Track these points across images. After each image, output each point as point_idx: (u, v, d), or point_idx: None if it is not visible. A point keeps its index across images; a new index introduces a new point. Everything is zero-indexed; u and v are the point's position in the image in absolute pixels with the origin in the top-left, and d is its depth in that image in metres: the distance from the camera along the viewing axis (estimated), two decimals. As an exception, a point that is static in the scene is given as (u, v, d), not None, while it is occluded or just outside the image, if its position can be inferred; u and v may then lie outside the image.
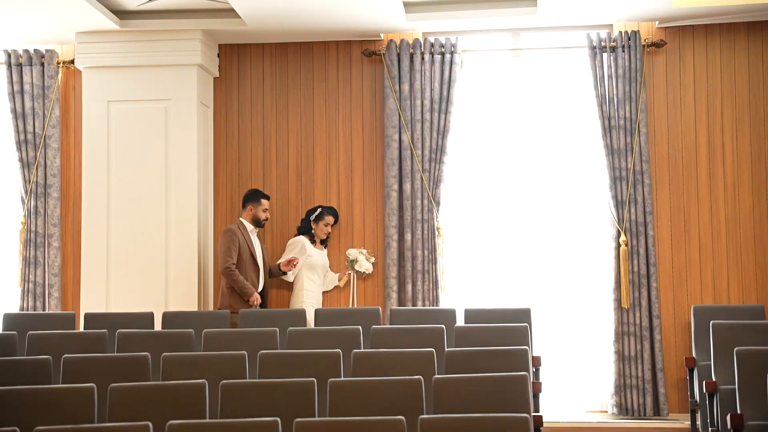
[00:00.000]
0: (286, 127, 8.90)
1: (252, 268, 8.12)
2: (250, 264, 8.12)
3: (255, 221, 8.27)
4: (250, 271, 8.10)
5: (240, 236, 8.11)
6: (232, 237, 8.07)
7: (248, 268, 8.10)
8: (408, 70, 8.60)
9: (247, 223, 8.26)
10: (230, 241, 8.05)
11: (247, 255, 8.11)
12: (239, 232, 8.13)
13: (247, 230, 8.22)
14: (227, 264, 8.00)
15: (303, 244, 8.37)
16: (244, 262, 8.09)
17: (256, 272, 8.16)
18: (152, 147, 8.53)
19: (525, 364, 6.07)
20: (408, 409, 5.04)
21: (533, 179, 8.71)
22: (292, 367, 5.94)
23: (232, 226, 8.20)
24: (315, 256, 8.36)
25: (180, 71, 8.54)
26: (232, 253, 8.02)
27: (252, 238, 8.21)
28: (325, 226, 8.42)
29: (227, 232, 8.13)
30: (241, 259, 8.08)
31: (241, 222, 8.26)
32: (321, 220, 8.41)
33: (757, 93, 8.46)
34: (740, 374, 5.79)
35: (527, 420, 4.58)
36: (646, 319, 8.22)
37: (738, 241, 8.38)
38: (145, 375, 6.02)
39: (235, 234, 8.10)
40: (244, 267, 8.08)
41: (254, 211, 8.27)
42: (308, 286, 8.31)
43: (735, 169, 8.44)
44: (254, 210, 8.27)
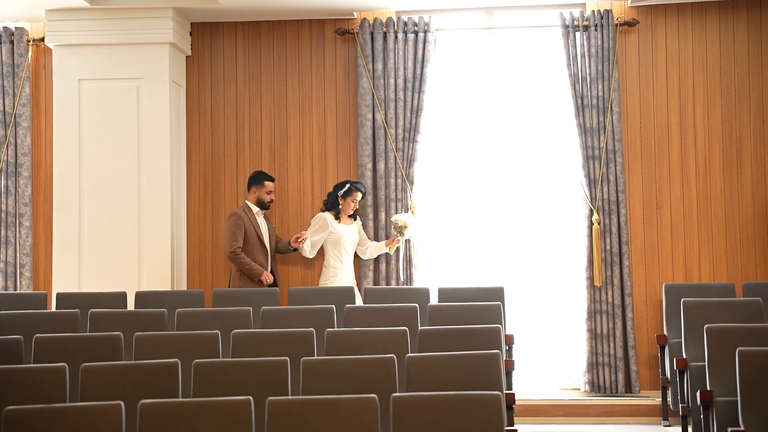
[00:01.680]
0: (259, 106, 8.86)
1: (260, 250, 8.11)
2: (258, 246, 8.11)
3: (260, 203, 8.24)
4: (257, 252, 8.09)
5: (246, 219, 8.09)
6: (236, 221, 8.06)
7: (255, 249, 8.09)
8: (381, 49, 8.57)
9: (252, 205, 8.23)
10: (235, 225, 8.04)
11: (254, 237, 8.09)
12: (244, 215, 8.11)
13: (253, 212, 8.19)
14: (233, 248, 8.00)
15: (325, 220, 8.23)
16: (252, 245, 8.08)
17: (264, 253, 8.14)
18: (124, 126, 8.47)
19: (498, 343, 6.10)
20: (381, 388, 5.05)
21: (506, 158, 8.73)
22: (266, 347, 5.94)
23: (237, 210, 8.20)
24: (340, 231, 8.21)
25: (152, 50, 8.48)
26: (238, 237, 8.02)
27: (258, 219, 8.18)
28: (353, 202, 8.27)
29: (232, 216, 8.12)
30: (248, 241, 8.07)
31: (246, 205, 8.24)
32: (349, 195, 8.26)
33: (728, 72, 8.51)
34: (710, 351, 5.84)
35: (499, 397, 4.61)
36: (618, 297, 8.28)
37: (709, 219, 8.44)
38: (117, 355, 6.00)
39: (240, 217, 8.08)
40: (252, 249, 8.07)
41: (258, 194, 8.23)
42: (333, 263, 8.20)
43: (706, 147, 8.49)
44: (258, 192, 8.23)
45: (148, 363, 5.38)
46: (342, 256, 8.22)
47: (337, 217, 8.28)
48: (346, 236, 8.25)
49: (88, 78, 8.51)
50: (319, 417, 4.47)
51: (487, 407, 4.56)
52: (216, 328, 6.34)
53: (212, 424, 4.46)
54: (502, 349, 6.19)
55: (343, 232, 8.25)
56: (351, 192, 8.26)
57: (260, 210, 8.25)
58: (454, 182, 8.76)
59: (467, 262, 8.65)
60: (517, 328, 8.11)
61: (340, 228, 8.25)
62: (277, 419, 4.46)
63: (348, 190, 8.26)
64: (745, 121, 8.47)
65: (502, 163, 8.74)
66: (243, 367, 5.30)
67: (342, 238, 8.21)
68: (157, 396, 4.87)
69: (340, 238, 8.21)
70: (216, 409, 4.51)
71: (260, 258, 8.11)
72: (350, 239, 8.29)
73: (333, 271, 8.19)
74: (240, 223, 8.07)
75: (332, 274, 8.19)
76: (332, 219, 8.26)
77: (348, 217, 8.33)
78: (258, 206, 8.25)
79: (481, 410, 4.55)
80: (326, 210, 8.33)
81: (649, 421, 7.54)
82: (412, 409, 4.54)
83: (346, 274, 8.23)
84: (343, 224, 8.28)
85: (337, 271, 8.19)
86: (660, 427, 7.30)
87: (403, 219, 8.22)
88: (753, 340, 5.69)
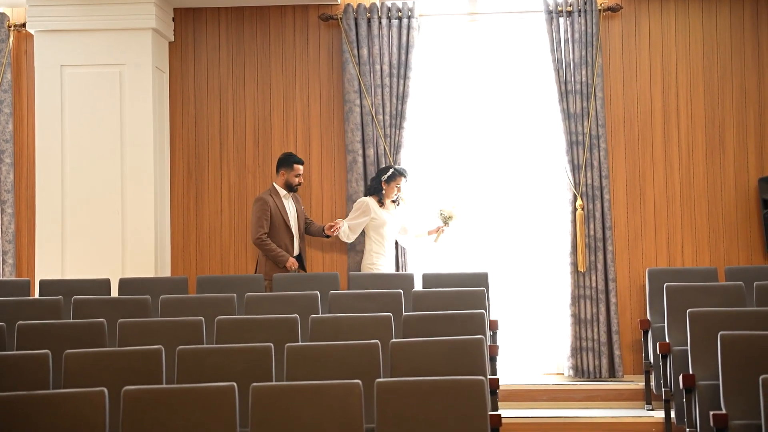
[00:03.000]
0: (242, 92, 8.84)
1: (285, 234, 8.05)
2: (284, 230, 8.05)
3: (288, 186, 8.15)
4: (283, 237, 8.04)
5: (271, 203, 8.03)
6: (262, 206, 8.00)
7: (281, 234, 8.04)
8: (366, 35, 8.55)
9: (280, 188, 8.15)
10: (260, 211, 7.99)
11: (280, 222, 8.04)
12: (270, 199, 8.05)
13: (280, 195, 8.11)
14: (258, 234, 7.96)
15: (367, 205, 8.11)
16: (277, 229, 8.02)
17: (290, 238, 8.07)
18: (107, 112, 8.42)
19: (482, 328, 6.12)
20: (365, 374, 5.06)
21: (491, 143, 8.73)
22: (250, 333, 5.95)
23: (263, 194, 8.12)
24: (382, 217, 8.08)
25: (134, 35, 8.42)
26: (263, 222, 7.96)
27: (285, 203, 8.11)
28: (396, 188, 8.11)
29: (257, 202, 8.07)
30: (274, 226, 8.01)
31: (273, 187, 8.17)
32: (393, 180, 8.10)
33: (710, 57, 8.54)
34: (692, 335, 5.87)
35: (483, 383, 4.63)
36: (602, 283, 8.30)
37: (692, 205, 8.48)
38: (101, 341, 5.99)
39: (265, 203, 8.02)
40: (278, 233, 8.02)
41: (287, 176, 8.14)
42: (376, 249, 8.08)
43: (689, 133, 8.52)
44: (287, 175, 8.14)
45: (132, 350, 5.38)
46: (384, 242, 8.08)
47: (381, 203, 8.15)
48: (389, 222, 8.11)
49: (71, 64, 8.45)
50: (303, 402, 4.48)
51: (471, 392, 4.58)
52: (200, 315, 6.32)
53: (196, 410, 4.46)
54: (486, 334, 6.21)
55: (386, 217, 8.10)
56: (394, 177, 8.10)
57: (288, 192, 8.19)
58: (440, 168, 8.76)
59: (452, 248, 8.65)
60: (502, 314, 8.13)
61: (382, 213, 8.10)
62: (261, 405, 4.47)
63: (392, 174, 8.11)
64: (727, 106, 8.51)
65: (487, 149, 8.74)
66: (227, 353, 5.31)
67: (384, 223, 8.07)
68: (140, 383, 4.86)
69: (383, 224, 8.07)
70: (200, 396, 4.51)
71: (286, 242, 8.04)
72: (393, 225, 8.14)
73: (375, 257, 8.06)
74: (265, 209, 8.00)
75: (374, 259, 8.06)
76: (375, 204, 8.12)
77: (391, 203, 8.19)
78: (286, 189, 8.14)
79: (464, 395, 4.57)
80: (369, 195, 8.21)
81: (632, 405, 7.58)
82: (396, 395, 4.56)
83: (387, 260, 8.10)
84: (385, 210, 8.14)
85: (379, 257, 8.06)
86: (643, 411, 7.34)
87: (449, 209, 8.13)
88: (735, 325, 5.72)
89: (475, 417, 4.53)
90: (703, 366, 5.73)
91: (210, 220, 8.78)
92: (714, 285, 7.10)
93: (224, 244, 8.75)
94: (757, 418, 4.58)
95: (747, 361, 5.14)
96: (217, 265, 8.73)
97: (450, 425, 4.50)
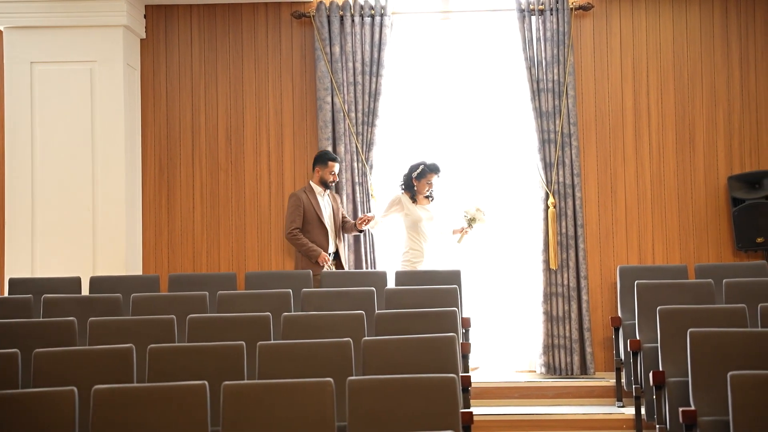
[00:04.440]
0: (214, 90, 8.80)
1: (319, 231, 8.04)
2: (317, 226, 8.03)
3: (322, 183, 8.13)
4: (317, 233, 8.02)
5: (305, 200, 8.03)
6: (295, 202, 8.02)
7: (315, 230, 8.02)
8: (338, 32, 8.55)
9: (315, 185, 8.13)
10: (293, 207, 8.01)
11: (314, 218, 8.03)
12: (304, 196, 8.05)
13: (315, 192, 8.10)
14: (290, 229, 7.97)
15: (399, 201, 8.07)
16: (312, 225, 8.02)
17: (324, 233, 8.05)
18: (78, 109, 8.37)
19: (454, 326, 6.13)
20: (337, 372, 5.05)
21: (463, 141, 8.75)
22: (222, 331, 5.92)
23: (297, 191, 8.14)
24: (416, 213, 8.03)
25: (105, 32, 8.37)
26: (295, 218, 7.98)
27: (320, 199, 8.09)
28: (427, 184, 8.07)
29: (291, 198, 8.09)
30: (308, 222, 8.01)
31: (309, 185, 8.16)
32: (423, 177, 8.05)
33: (681, 56, 8.60)
34: (662, 332, 5.90)
35: (455, 380, 4.64)
36: (573, 280, 8.35)
37: (663, 203, 8.54)
38: (71, 340, 5.95)
39: (299, 198, 8.03)
40: (312, 230, 8.01)
41: (321, 173, 8.11)
42: (412, 245, 8.03)
43: (660, 131, 8.59)
44: (321, 172, 8.11)
45: (102, 348, 5.34)
46: (420, 238, 8.03)
47: (414, 199, 8.10)
48: (424, 218, 8.05)
49: (41, 61, 8.39)
50: (275, 401, 4.47)
51: (443, 390, 4.59)
52: (172, 313, 6.28)
53: (167, 409, 4.44)
54: (458, 332, 6.22)
55: (420, 213, 8.04)
56: (425, 174, 8.05)
57: (323, 190, 8.16)
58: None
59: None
60: (474, 312, 8.15)
61: (415, 210, 8.05)
62: (233, 403, 4.45)
63: (422, 171, 8.05)
64: (697, 105, 8.58)
65: (460, 147, 8.76)
66: (198, 351, 5.28)
67: (419, 219, 8.02)
68: (111, 382, 4.81)
69: (417, 220, 8.01)
70: (171, 395, 4.49)
71: (320, 238, 8.02)
72: (429, 221, 8.08)
73: (413, 254, 8.02)
74: (299, 204, 8.01)
75: (412, 256, 8.02)
76: (408, 200, 8.07)
77: (425, 198, 8.14)
78: (321, 186, 8.13)
79: (436, 393, 4.58)
80: (403, 191, 8.14)
81: (603, 402, 7.61)
82: (367, 393, 4.56)
83: (425, 256, 8.04)
84: (419, 205, 8.09)
85: (417, 254, 8.01)
86: (614, 408, 7.39)
87: (472, 211, 8.08)
88: (704, 322, 5.76)
89: (447, 414, 4.54)
90: (673, 363, 5.77)
91: (182, 218, 8.74)
92: (684, 282, 7.16)
93: (196, 241, 8.72)
94: (726, 414, 4.61)
95: (716, 357, 5.18)
96: (189, 263, 8.69)
97: (422, 423, 4.50)
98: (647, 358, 6.45)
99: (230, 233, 8.71)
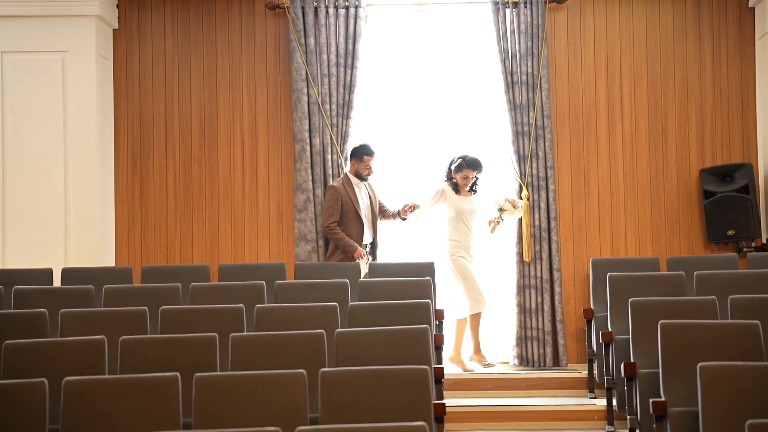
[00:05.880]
0: (188, 81, 8.76)
1: (356, 223, 8.02)
2: (354, 219, 8.02)
3: (358, 176, 8.11)
4: (353, 225, 8.01)
5: (343, 192, 8.01)
6: (333, 195, 8.00)
7: (352, 223, 8.01)
8: (313, 24, 8.52)
9: (352, 177, 8.12)
10: (332, 200, 7.99)
11: (351, 210, 8.01)
12: (342, 188, 8.03)
13: (352, 184, 8.08)
14: (327, 223, 7.97)
15: (443, 191, 8.06)
16: (347, 217, 8.00)
17: (360, 226, 8.03)
18: (49, 99, 8.31)
19: (427, 318, 6.14)
20: (310, 363, 5.05)
21: (438, 133, 8.76)
22: (195, 323, 5.90)
23: (336, 182, 8.11)
24: (458, 204, 8.00)
25: (77, 22, 8.31)
26: (333, 211, 7.96)
27: (357, 191, 8.07)
28: (464, 178, 8.04)
29: (329, 190, 8.08)
30: (345, 214, 7.99)
31: (346, 176, 8.14)
32: (460, 171, 8.03)
33: (653, 49, 8.65)
34: (634, 324, 5.94)
35: (427, 372, 4.64)
36: (546, 272, 8.38)
37: (635, 195, 8.60)
38: (42, 332, 5.92)
39: (337, 191, 8.01)
40: (348, 222, 8.00)
41: (357, 167, 8.09)
42: (453, 236, 7.99)
43: (633, 123, 8.63)
44: (357, 166, 8.09)
45: (74, 340, 5.32)
46: (460, 229, 8.00)
47: (456, 190, 8.09)
48: (466, 209, 8.03)
49: (12, 50, 8.32)
50: (247, 392, 4.46)
51: (415, 381, 4.59)
52: (144, 305, 6.24)
53: (138, 400, 4.42)
54: (431, 324, 6.23)
55: (462, 205, 8.03)
56: (461, 168, 8.03)
57: (360, 181, 8.13)
58: (387, 158, 8.75)
59: (399, 237, 8.67)
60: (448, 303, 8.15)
61: (457, 201, 8.03)
62: (205, 395, 4.44)
63: (459, 165, 8.05)
64: (670, 98, 8.63)
65: (434, 139, 8.76)
66: (171, 343, 5.27)
67: (460, 211, 8.01)
68: (82, 373, 4.80)
69: (459, 212, 8.00)
70: (142, 386, 4.47)
71: (355, 230, 8.01)
72: (469, 212, 8.06)
73: (451, 245, 7.99)
74: (337, 197, 7.99)
75: (450, 247, 7.98)
76: (451, 191, 8.07)
77: (468, 191, 8.12)
78: (357, 178, 8.12)
79: (409, 384, 4.58)
80: (447, 181, 8.13)
81: (575, 393, 7.65)
82: (340, 384, 4.56)
83: (463, 245, 8.00)
84: (462, 197, 8.07)
85: (456, 245, 7.98)
86: (586, 399, 7.43)
87: (501, 202, 8.09)
88: (675, 314, 5.80)
89: (419, 406, 4.55)
90: (644, 354, 5.81)
91: (155, 209, 8.70)
92: (655, 274, 7.20)
93: (170, 233, 8.68)
94: (695, 405, 4.65)
95: (686, 349, 5.22)
96: (162, 254, 8.66)
97: (394, 414, 4.50)
98: (619, 349, 6.49)
99: (204, 225, 8.68)
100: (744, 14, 8.65)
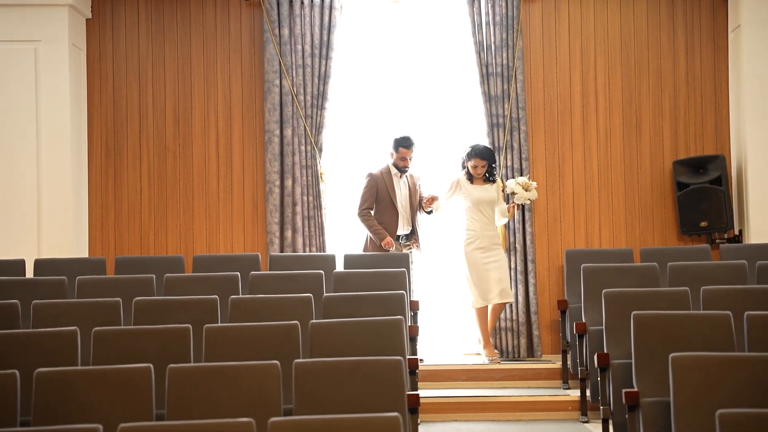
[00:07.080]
0: (162, 71, 8.71)
1: (390, 213, 8.03)
2: (387, 208, 8.03)
3: (396, 167, 8.09)
4: (387, 214, 8.02)
5: (380, 180, 8.02)
6: (370, 182, 8.03)
7: (386, 212, 8.03)
8: (288, 14, 8.49)
9: (392, 167, 8.10)
10: (368, 188, 8.03)
11: (386, 199, 8.03)
12: (380, 176, 8.04)
13: (391, 174, 8.07)
14: (362, 209, 8.01)
15: (457, 181, 7.99)
16: (382, 206, 8.03)
17: (394, 216, 8.04)
18: (21, 89, 8.24)
19: (402, 309, 6.14)
20: (284, 355, 5.05)
21: (413, 125, 8.75)
22: (168, 314, 5.88)
23: (375, 170, 8.10)
24: (472, 194, 7.93)
25: (50, 11, 8.24)
26: (368, 198, 8.01)
27: (395, 181, 8.06)
28: (474, 168, 7.95)
29: (367, 177, 8.08)
30: (379, 202, 8.02)
31: (387, 166, 8.13)
32: (469, 161, 7.96)
33: (628, 42, 8.68)
34: (607, 315, 5.98)
35: (401, 363, 4.65)
36: (521, 264, 8.41)
37: (609, 187, 8.64)
38: (14, 323, 5.88)
39: (373, 179, 8.04)
40: (383, 211, 8.03)
41: (394, 158, 8.07)
42: (470, 226, 7.92)
43: (607, 116, 8.67)
44: (394, 157, 8.07)
45: (46, 331, 5.29)
46: (477, 218, 7.93)
47: (471, 180, 8.02)
48: (481, 198, 7.95)
49: (-17, 40, 8.24)
50: (221, 384, 4.45)
51: (389, 372, 4.60)
52: (118, 296, 6.22)
53: (111, 392, 4.40)
54: (406, 315, 6.24)
55: (477, 194, 7.95)
56: (470, 157, 7.96)
57: (399, 172, 8.10)
58: (363, 149, 8.76)
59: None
60: (423, 295, 8.17)
61: (472, 190, 7.96)
62: (178, 387, 4.42)
63: (468, 154, 7.99)
64: (644, 90, 8.67)
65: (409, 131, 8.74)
66: (144, 334, 5.24)
67: (476, 200, 7.93)
68: (55, 365, 4.76)
69: (475, 201, 7.93)
70: (115, 377, 4.45)
71: (389, 220, 8.01)
72: (485, 201, 7.97)
73: (468, 234, 7.93)
74: (373, 185, 8.02)
75: (467, 237, 7.93)
76: (466, 181, 8.00)
77: (483, 180, 8.03)
78: (396, 169, 8.11)
79: (383, 375, 4.58)
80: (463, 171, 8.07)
81: (549, 384, 7.69)
82: (314, 375, 4.55)
83: (481, 234, 7.90)
84: (476, 186, 8.00)
85: (473, 234, 7.91)
86: (560, 390, 7.47)
87: (512, 186, 8.06)
88: (648, 305, 5.83)
89: (393, 397, 4.55)
90: (617, 345, 5.85)
91: (129, 200, 8.65)
92: (629, 266, 7.24)
93: (144, 224, 8.64)
94: (667, 395, 4.68)
95: (658, 339, 5.25)
96: (137, 245, 8.61)
97: (368, 405, 4.50)
98: (593, 340, 6.53)
99: (178, 216, 8.64)
100: (717, 7, 8.70)
